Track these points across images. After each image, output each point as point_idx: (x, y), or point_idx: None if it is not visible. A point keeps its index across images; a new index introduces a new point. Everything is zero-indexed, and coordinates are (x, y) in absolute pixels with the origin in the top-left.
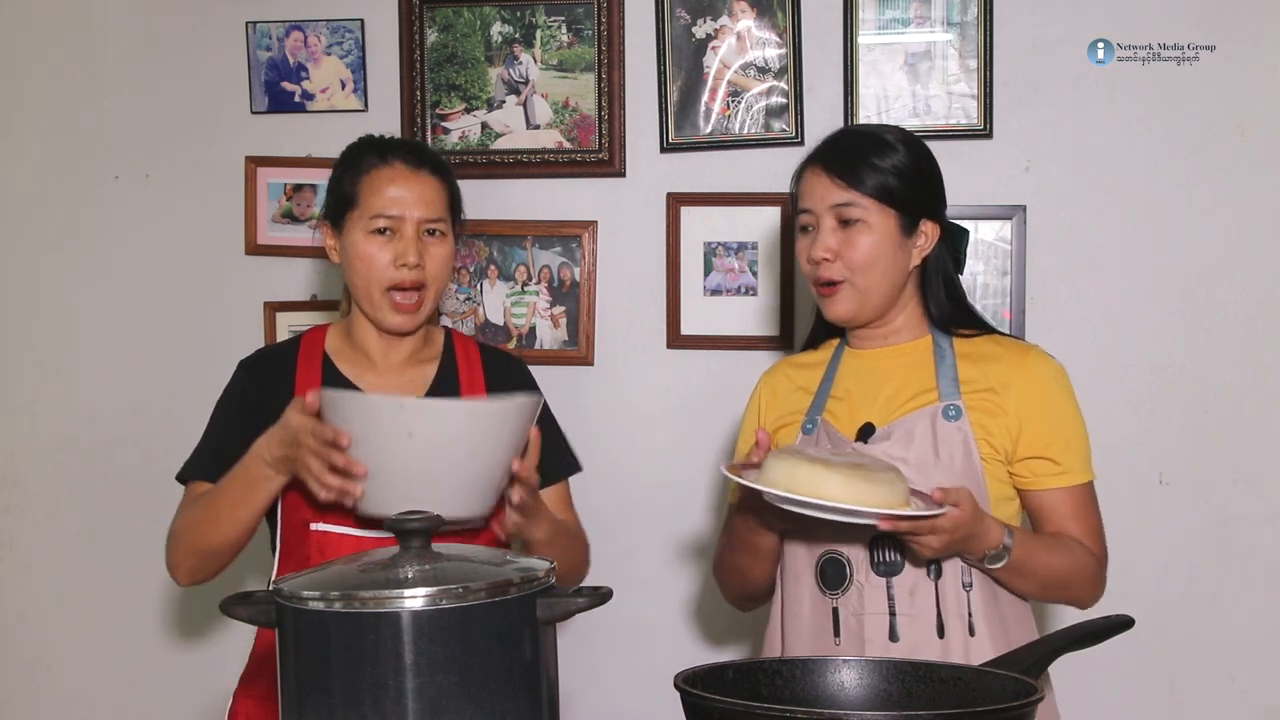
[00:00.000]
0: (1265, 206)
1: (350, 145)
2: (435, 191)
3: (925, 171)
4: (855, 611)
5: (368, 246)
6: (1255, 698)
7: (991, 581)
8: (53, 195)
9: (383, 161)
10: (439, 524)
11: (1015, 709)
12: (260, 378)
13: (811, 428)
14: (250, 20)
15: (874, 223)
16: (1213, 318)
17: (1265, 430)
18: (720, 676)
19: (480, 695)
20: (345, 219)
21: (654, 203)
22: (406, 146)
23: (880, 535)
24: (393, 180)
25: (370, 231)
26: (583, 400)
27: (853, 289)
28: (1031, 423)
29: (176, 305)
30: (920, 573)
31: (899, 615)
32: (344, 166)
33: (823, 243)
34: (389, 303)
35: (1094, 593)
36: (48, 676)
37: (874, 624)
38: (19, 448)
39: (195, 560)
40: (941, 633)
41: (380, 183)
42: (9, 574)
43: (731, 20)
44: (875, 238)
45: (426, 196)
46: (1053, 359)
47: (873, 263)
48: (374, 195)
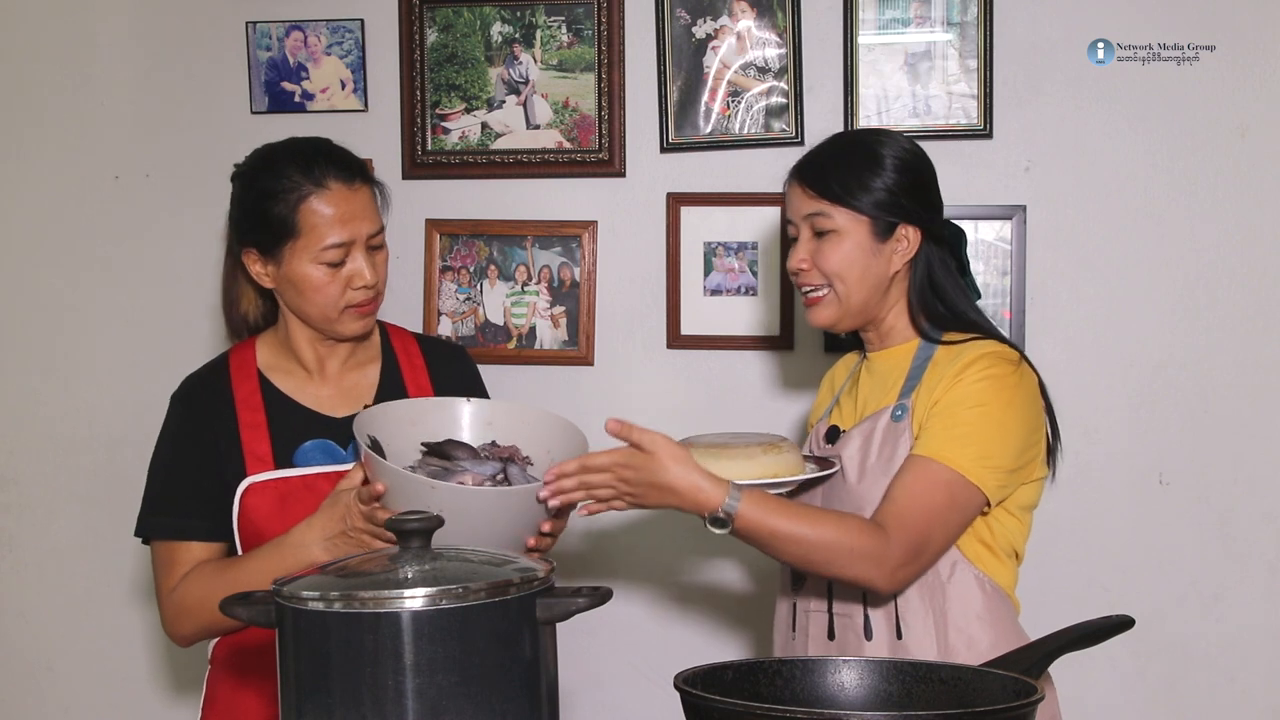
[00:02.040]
0: (1265, 206)
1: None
2: (371, 201)
3: (903, 177)
4: (804, 608)
5: (318, 276)
6: (1255, 698)
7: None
8: (53, 195)
9: (316, 185)
10: (439, 524)
11: (1015, 709)
12: (198, 407)
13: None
14: (250, 20)
15: (845, 230)
16: (1213, 318)
17: (1265, 430)
18: (720, 676)
19: (480, 695)
20: (281, 249)
21: (654, 203)
22: (333, 160)
23: None
24: (334, 204)
25: (320, 262)
26: (583, 400)
27: (834, 296)
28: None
29: (176, 305)
30: None
31: (836, 615)
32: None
33: (797, 253)
34: (350, 315)
35: (871, 575)
36: (48, 676)
37: (816, 621)
38: (19, 448)
39: (206, 634)
40: (869, 634)
41: (321, 209)
42: (9, 574)
43: (731, 20)
44: (847, 245)
45: (368, 211)
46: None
47: (845, 270)
48: (319, 225)
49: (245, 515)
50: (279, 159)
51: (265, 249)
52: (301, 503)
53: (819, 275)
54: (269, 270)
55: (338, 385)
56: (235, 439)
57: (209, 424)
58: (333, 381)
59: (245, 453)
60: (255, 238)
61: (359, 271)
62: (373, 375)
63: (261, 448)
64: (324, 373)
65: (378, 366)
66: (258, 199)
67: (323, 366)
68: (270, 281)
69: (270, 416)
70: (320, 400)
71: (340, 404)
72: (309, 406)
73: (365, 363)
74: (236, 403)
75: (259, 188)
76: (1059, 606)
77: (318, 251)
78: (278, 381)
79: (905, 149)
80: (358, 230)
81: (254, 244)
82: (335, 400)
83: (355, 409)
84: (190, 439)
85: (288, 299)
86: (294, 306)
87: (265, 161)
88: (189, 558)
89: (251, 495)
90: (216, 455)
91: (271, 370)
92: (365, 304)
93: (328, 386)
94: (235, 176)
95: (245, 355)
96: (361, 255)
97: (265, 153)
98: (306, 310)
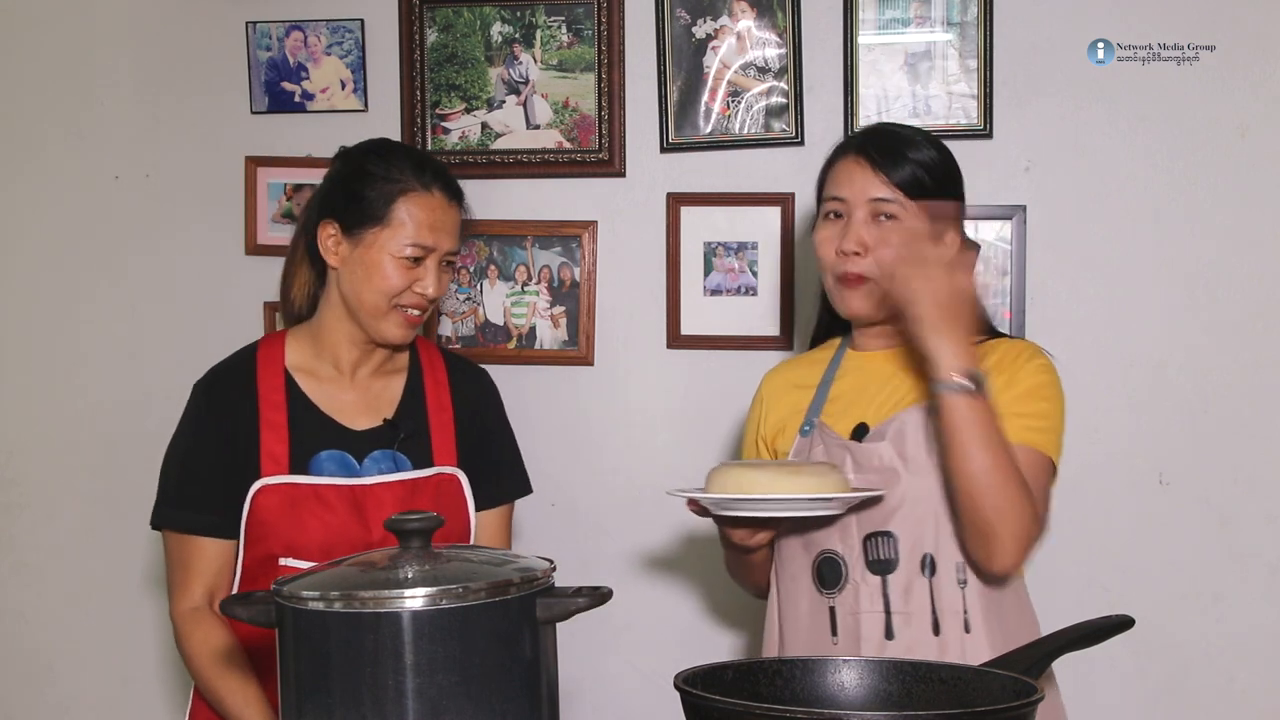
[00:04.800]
0: (1265, 207)
1: (376, 147)
2: (459, 224)
3: (956, 179)
4: (851, 610)
5: (391, 267)
6: (1255, 698)
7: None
8: (53, 195)
9: (424, 188)
10: (438, 524)
11: (1015, 709)
12: (221, 399)
13: (809, 429)
14: (250, 20)
15: (909, 223)
16: (1213, 318)
17: (1265, 430)
18: (720, 676)
19: (480, 695)
20: (364, 232)
21: (654, 203)
22: (441, 174)
23: (873, 533)
24: (431, 210)
25: (399, 256)
26: (583, 400)
27: (876, 287)
28: (1004, 392)
29: (176, 305)
30: (914, 569)
31: (894, 613)
32: (370, 174)
33: (855, 234)
34: (399, 316)
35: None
36: (48, 676)
37: (870, 622)
38: (19, 447)
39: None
40: (937, 630)
41: (418, 210)
42: (9, 574)
43: (731, 20)
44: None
45: (455, 231)
46: (1039, 351)
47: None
48: (410, 223)
49: (255, 515)
50: (395, 152)
51: (348, 226)
52: (311, 511)
53: (870, 264)
54: (341, 249)
55: (363, 392)
56: (254, 436)
57: (230, 417)
58: (359, 387)
59: (262, 452)
60: (343, 213)
61: (428, 280)
62: (397, 387)
63: (279, 449)
64: (354, 376)
65: (403, 379)
66: (361, 178)
67: (355, 369)
68: (336, 260)
69: (291, 418)
70: (343, 408)
71: (361, 415)
72: (330, 414)
73: (392, 373)
74: (260, 399)
75: (366, 169)
76: (1059, 606)
77: (399, 245)
78: (303, 383)
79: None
80: (441, 241)
81: (338, 218)
82: (357, 409)
83: (375, 421)
84: (209, 431)
85: (347, 282)
86: (350, 292)
87: (380, 149)
88: (201, 556)
89: (263, 496)
90: (234, 450)
91: (298, 370)
92: (416, 312)
93: (353, 392)
94: (342, 154)
95: (274, 351)
96: (434, 266)
97: (382, 142)
98: (363, 295)
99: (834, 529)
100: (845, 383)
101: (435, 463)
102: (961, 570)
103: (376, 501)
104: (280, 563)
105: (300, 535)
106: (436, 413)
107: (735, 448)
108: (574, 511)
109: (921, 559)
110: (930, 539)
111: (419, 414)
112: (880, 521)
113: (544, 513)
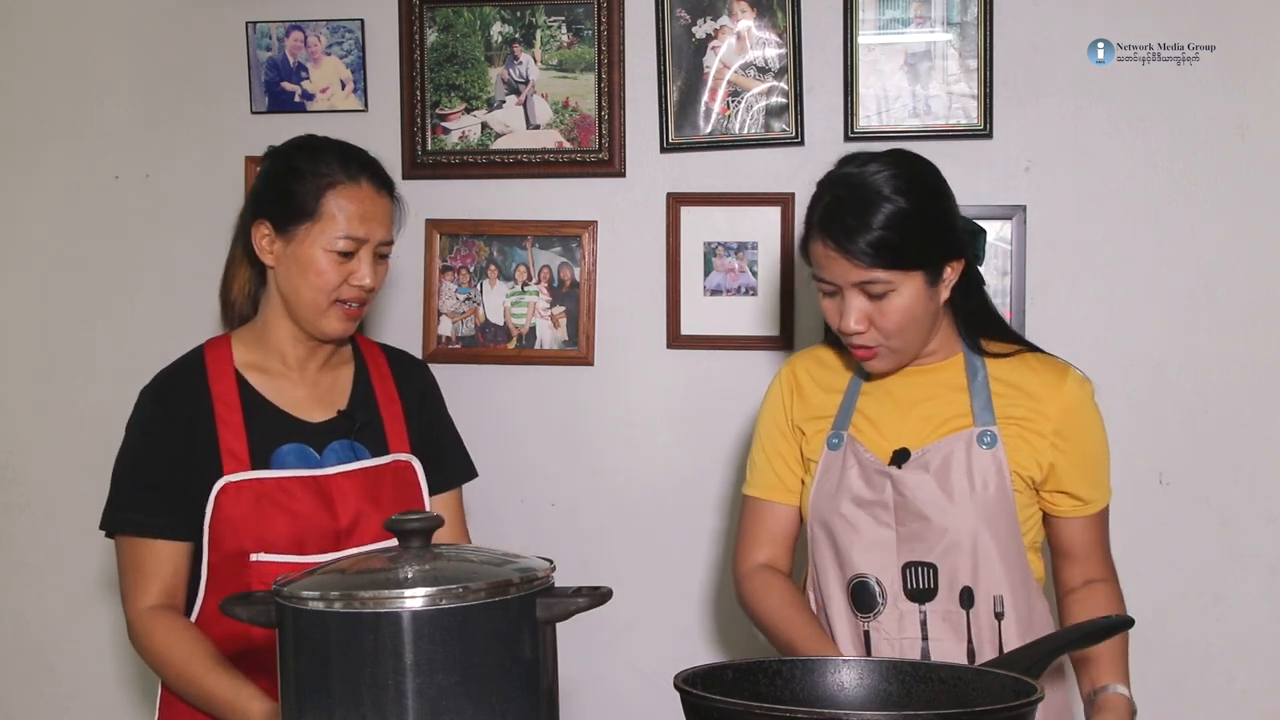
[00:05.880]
0: (1265, 206)
1: (301, 143)
2: (391, 212)
3: (936, 215)
4: (888, 636)
5: (325, 262)
6: (1255, 698)
7: (1026, 611)
8: (53, 195)
9: (351, 180)
10: (438, 523)
11: (1015, 709)
12: (171, 402)
13: (838, 443)
14: (250, 20)
15: (902, 288)
16: (1213, 318)
17: (1265, 430)
18: (720, 676)
19: (480, 695)
20: (296, 229)
21: (654, 203)
22: (370, 165)
23: (913, 562)
24: (360, 202)
25: (331, 250)
26: (583, 400)
27: (889, 351)
28: (1063, 458)
29: (177, 305)
30: (953, 600)
31: (931, 641)
32: (297, 171)
33: (852, 315)
34: (339, 311)
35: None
36: (48, 676)
37: (907, 649)
38: (20, 447)
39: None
40: (972, 660)
41: (347, 203)
42: (9, 574)
43: (731, 20)
44: (906, 300)
45: (387, 220)
46: (1086, 383)
47: (908, 325)
48: (339, 216)
49: (219, 513)
50: (321, 147)
51: (280, 225)
52: (277, 504)
53: (876, 335)
54: (275, 247)
55: (313, 386)
56: (212, 436)
57: (184, 419)
58: (309, 382)
59: (222, 450)
60: (274, 211)
61: (362, 272)
62: (346, 379)
63: (238, 446)
64: (302, 371)
65: (351, 370)
66: (288, 176)
67: (302, 365)
68: (272, 259)
69: (247, 416)
70: (296, 403)
71: (315, 408)
72: (285, 409)
73: (339, 365)
74: (213, 399)
75: (293, 166)
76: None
77: (331, 239)
78: (254, 380)
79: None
80: (373, 232)
81: (270, 217)
82: (310, 403)
83: (330, 413)
84: (163, 433)
85: (284, 280)
86: (288, 290)
87: (306, 145)
88: (155, 558)
89: (226, 495)
90: (191, 451)
91: (248, 368)
92: (354, 305)
93: (303, 387)
94: (270, 153)
95: (221, 352)
96: (367, 257)
97: (308, 139)
98: (300, 293)
99: (873, 554)
100: (876, 396)
101: (390, 450)
102: (999, 604)
103: (340, 491)
104: (251, 558)
105: (269, 529)
106: (386, 403)
107: (735, 448)
108: (574, 511)
109: (961, 591)
110: (968, 572)
111: (370, 404)
112: (922, 552)
113: (544, 513)
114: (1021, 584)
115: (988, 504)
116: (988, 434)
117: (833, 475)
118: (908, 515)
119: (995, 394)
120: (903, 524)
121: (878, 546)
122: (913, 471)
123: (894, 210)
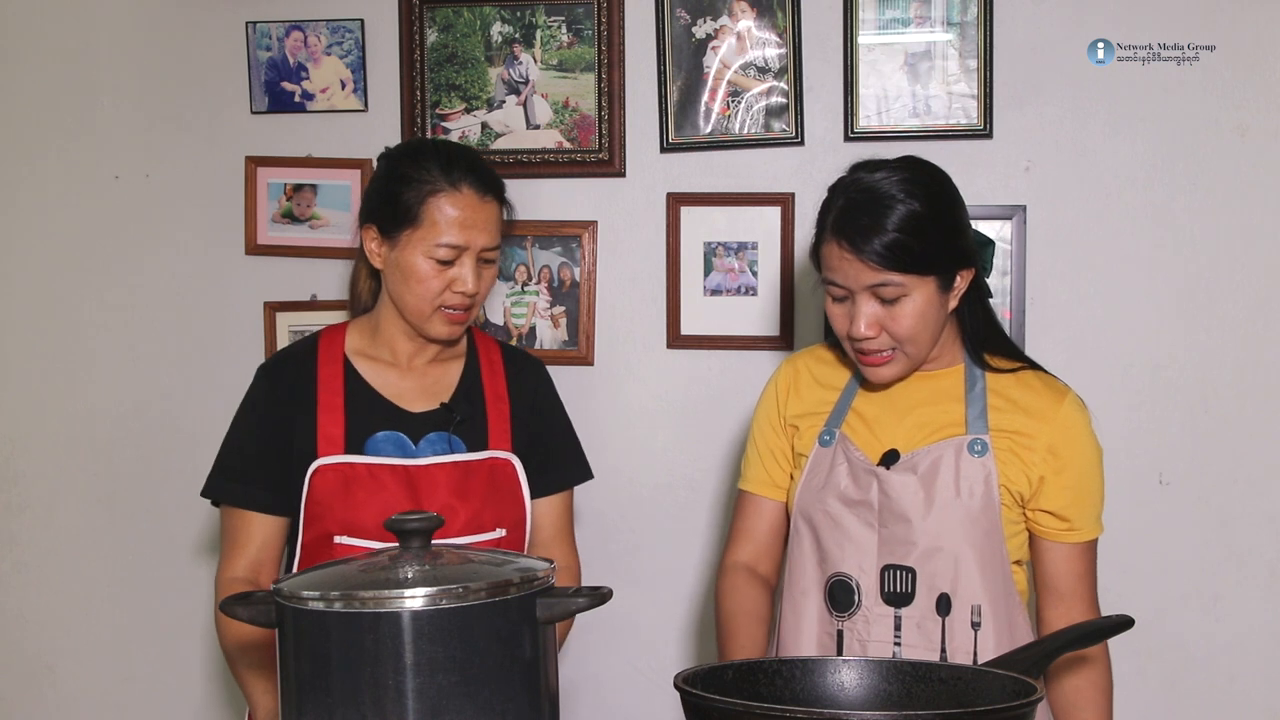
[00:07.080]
0: (1265, 206)
1: (407, 150)
2: (496, 219)
3: (951, 221)
4: (861, 637)
5: (425, 268)
6: (1255, 698)
7: (1006, 624)
8: (53, 195)
9: (451, 187)
10: (438, 524)
11: (1015, 709)
12: (281, 382)
13: (829, 440)
14: (250, 20)
15: (915, 292)
16: (1213, 318)
17: (1265, 430)
18: (720, 676)
19: (480, 695)
20: (400, 234)
21: (654, 203)
22: (474, 169)
23: (892, 565)
24: (461, 208)
25: (431, 257)
26: (583, 400)
27: (902, 355)
28: (1053, 479)
29: (176, 305)
30: (929, 606)
31: (904, 646)
32: (402, 176)
33: (863, 320)
34: (442, 318)
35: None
36: (48, 676)
37: (878, 651)
38: (20, 447)
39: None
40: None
41: (448, 210)
42: (9, 574)
43: (731, 20)
44: (919, 305)
45: (490, 226)
46: (1084, 407)
47: (920, 330)
48: (440, 222)
49: (312, 495)
50: (425, 152)
51: (385, 229)
52: (365, 489)
53: (886, 340)
54: (382, 251)
55: (420, 378)
56: (312, 418)
57: (289, 399)
58: (416, 373)
59: (319, 433)
60: (379, 216)
61: (462, 277)
62: (454, 373)
63: (335, 431)
64: (412, 365)
65: (460, 365)
66: (392, 181)
67: (412, 360)
68: (380, 262)
69: (348, 401)
70: (400, 392)
71: (418, 398)
72: (387, 397)
73: (450, 359)
74: (319, 383)
75: (397, 171)
76: None
77: (431, 246)
78: (361, 368)
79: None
80: (474, 239)
81: (375, 222)
82: (414, 394)
83: (432, 405)
84: (269, 411)
85: (391, 284)
86: (395, 293)
87: (412, 150)
88: (246, 530)
89: (320, 476)
90: (292, 431)
91: (357, 356)
92: (459, 311)
93: (410, 378)
94: (381, 157)
95: (335, 338)
96: (470, 263)
97: (415, 143)
98: (405, 299)
99: (854, 553)
100: (871, 397)
101: (490, 447)
102: (976, 613)
103: (430, 481)
104: (335, 541)
105: (355, 514)
106: (493, 400)
107: (735, 448)
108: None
109: (938, 598)
110: (947, 579)
111: (476, 399)
112: (902, 555)
113: None
114: (1003, 597)
115: (972, 512)
116: (979, 442)
117: (821, 471)
118: (890, 517)
119: (991, 406)
120: (885, 525)
121: (859, 547)
122: (899, 473)
123: (909, 213)
